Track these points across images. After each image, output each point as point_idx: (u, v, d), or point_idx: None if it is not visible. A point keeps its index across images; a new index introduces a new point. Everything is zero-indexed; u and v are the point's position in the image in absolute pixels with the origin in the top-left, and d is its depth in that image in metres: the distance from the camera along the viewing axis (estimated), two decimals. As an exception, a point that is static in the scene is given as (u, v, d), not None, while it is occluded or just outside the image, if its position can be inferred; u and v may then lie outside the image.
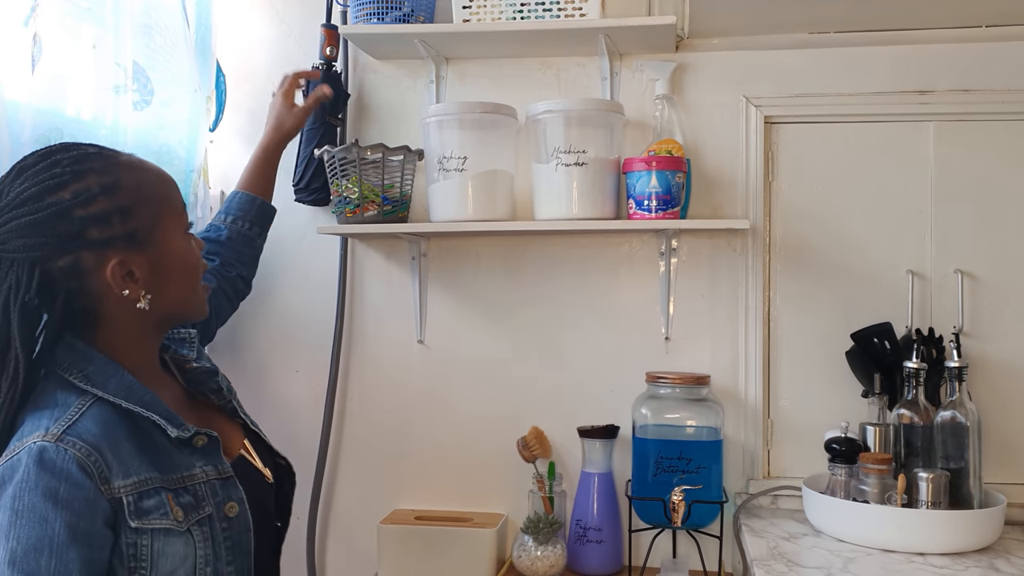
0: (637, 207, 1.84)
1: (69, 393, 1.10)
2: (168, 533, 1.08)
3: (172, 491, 1.11)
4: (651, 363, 1.99)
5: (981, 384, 1.88)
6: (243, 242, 1.74)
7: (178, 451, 1.15)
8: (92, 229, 1.10)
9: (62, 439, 1.03)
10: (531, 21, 1.90)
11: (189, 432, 1.15)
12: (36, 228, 1.08)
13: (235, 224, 1.73)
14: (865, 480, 1.70)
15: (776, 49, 1.97)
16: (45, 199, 1.08)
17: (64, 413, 1.06)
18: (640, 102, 2.01)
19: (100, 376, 1.12)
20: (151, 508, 1.07)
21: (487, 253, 2.08)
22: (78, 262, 1.11)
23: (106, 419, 1.09)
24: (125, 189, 1.14)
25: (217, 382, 1.34)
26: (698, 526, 1.83)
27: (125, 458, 1.07)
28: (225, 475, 1.18)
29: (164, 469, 1.12)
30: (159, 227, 1.17)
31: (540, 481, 1.95)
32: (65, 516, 0.99)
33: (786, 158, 1.98)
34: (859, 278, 1.95)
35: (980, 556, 1.61)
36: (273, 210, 1.82)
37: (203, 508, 1.14)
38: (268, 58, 2.15)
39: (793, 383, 1.98)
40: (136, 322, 1.17)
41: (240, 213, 1.74)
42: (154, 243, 1.16)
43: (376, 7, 1.95)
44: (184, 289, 1.22)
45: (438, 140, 1.90)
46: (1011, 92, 1.90)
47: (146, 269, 1.15)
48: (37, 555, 0.96)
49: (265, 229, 1.81)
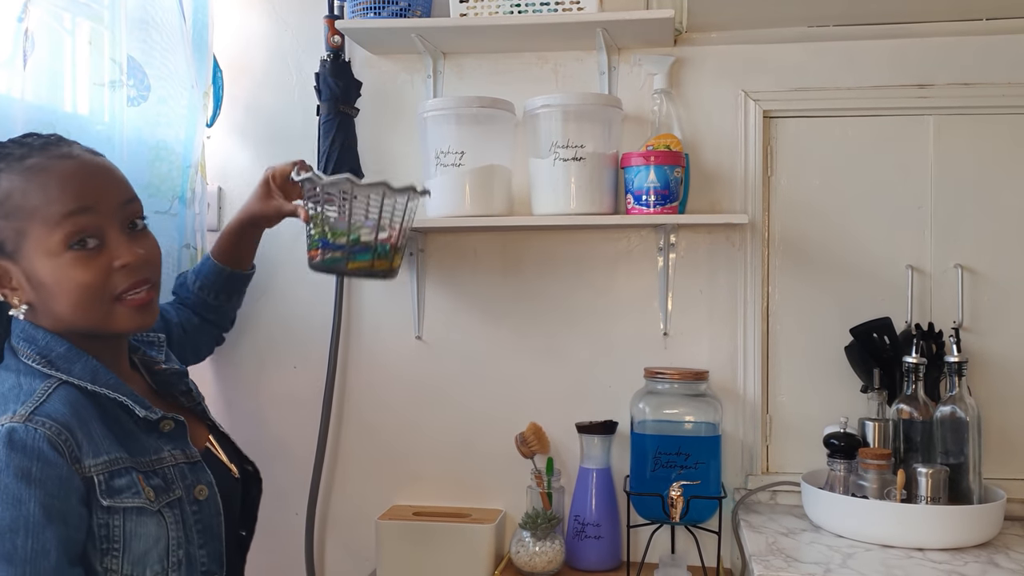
0: (635, 202, 1.83)
1: (33, 378, 1.10)
2: (140, 512, 1.08)
3: (142, 472, 1.11)
4: (649, 358, 1.98)
5: (981, 379, 1.88)
6: (208, 309, 1.71)
7: (146, 435, 1.16)
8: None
9: (31, 419, 1.03)
10: (528, 15, 1.89)
11: (156, 415, 1.17)
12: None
13: (202, 292, 1.69)
14: (864, 475, 1.69)
15: (775, 43, 1.96)
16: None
17: (30, 396, 1.06)
18: (638, 96, 2.00)
19: (64, 361, 1.13)
20: (122, 487, 1.07)
21: (485, 249, 2.08)
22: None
23: (73, 400, 1.09)
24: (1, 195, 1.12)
25: (187, 383, 1.35)
26: (696, 522, 1.83)
27: (95, 437, 1.08)
28: (193, 459, 1.20)
29: (133, 451, 1.12)
30: (25, 240, 1.11)
31: (538, 477, 1.94)
32: (39, 495, 0.99)
33: (785, 152, 1.98)
34: (858, 273, 1.94)
35: (980, 551, 1.60)
36: (246, 275, 1.74)
37: (173, 491, 1.15)
38: (265, 53, 2.14)
39: (792, 378, 1.98)
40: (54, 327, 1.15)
41: (208, 282, 1.69)
42: (23, 256, 1.12)
43: (373, 1, 1.94)
44: (70, 309, 1.13)
45: (435, 135, 1.89)
46: (1011, 86, 1.89)
47: (23, 280, 1.13)
48: (13, 536, 0.97)
49: (235, 293, 1.75)
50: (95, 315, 1.15)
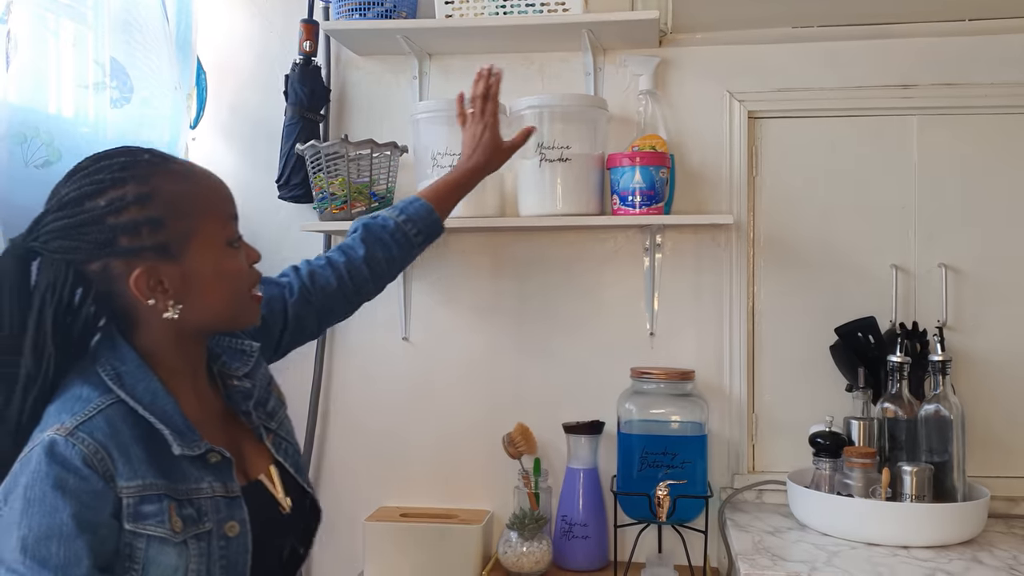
0: (621, 203, 1.83)
1: (94, 389, 1.11)
2: (162, 542, 1.08)
3: (176, 501, 1.11)
4: (636, 358, 1.99)
5: (965, 378, 1.89)
6: (404, 245, 1.59)
7: (189, 463, 1.15)
8: (122, 238, 1.11)
9: (73, 434, 1.05)
10: (514, 16, 1.90)
11: (199, 450, 1.15)
12: (71, 232, 1.10)
13: (406, 225, 1.58)
14: (849, 474, 1.70)
15: (759, 44, 1.97)
16: (84, 204, 1.11)
17: (82, 409, 1.08)
18: (624, 97, 2.01)
19: (130, 378, 1.14)
20: (149, 514, 1.08)
21: (472, 249, 2.08)
22: (108, 268, 1.12)
23: (120, 421, 1.10)
24: (159, 200, 1.13)
25: (248, 405, 1.31)
26: (683, 521, 1.83)
27: (133, 461, 1.09)
28: (232, 494, 1.18)
29: (173, 478, 1.12)
30: (193, 240, 1.16)
31: (526, 477, 1.94)
32: (73, 506, 1.01)
33: (770, 153, 1.99)
34: (843, 272, 1.95)
35: (964, 549, 1.61)
36: (441, 231, 1.65)
37: (204, 523, 1.14)
38: (249, 55, 2.14)
39: (777, 378, 1.98)
40: (170, 329, 1.17)
41: (416, 219, 1.59)
42: (187, 255, 1.15)
43: (358, 2, 1.94)
44: (219, 301, 1.19)
45: (427, 136, 1.89)
46: (994, 86, 1.90)
47: (177, 280, 1.14)
48: (48, 542, 0.99)
49: (427, 244, 1.64)
50: (239, 306, 1.22)
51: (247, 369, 1.33)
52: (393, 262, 1.59)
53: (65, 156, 1.60)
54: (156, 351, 1.17)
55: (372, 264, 1.55)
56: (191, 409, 1.19)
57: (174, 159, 1.19)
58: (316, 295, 1.50)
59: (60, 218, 1.11)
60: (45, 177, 1.56)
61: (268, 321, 1.43)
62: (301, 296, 1.48)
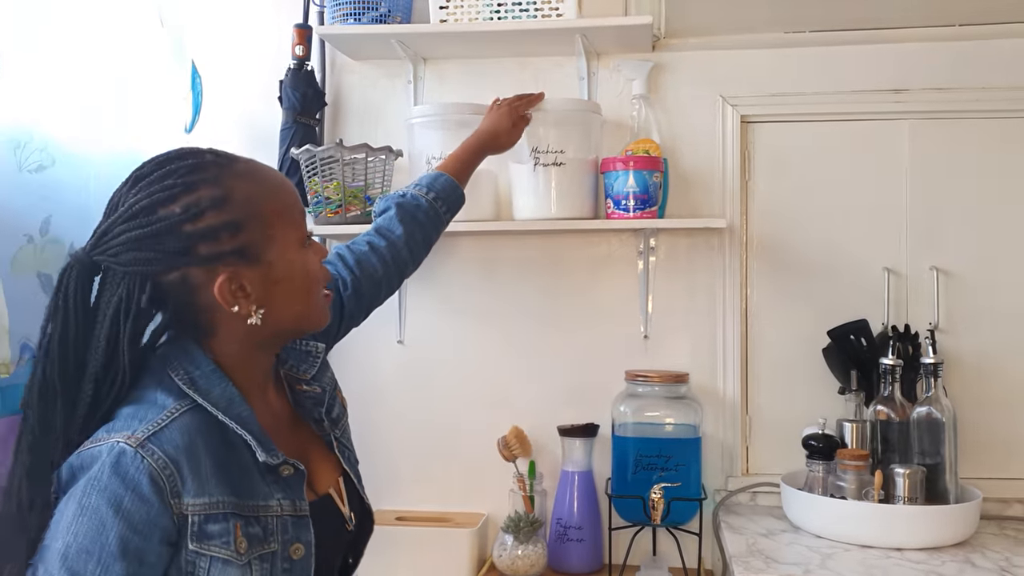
0: (615, 207, 1.84)
1: (168, 395, 1.07)
2: (225, 563, 1.04)
3: (243, 519, 1.06)
4: (630, 361, 1.99)
5: (956, 380, 1.90)
6: (436, 223, 1.61)
7: (261, 477, 1.10)
8: (201, 245, 1.06)
9: (144, 445, 1.00)
10: (508, 21, 1.90)
11: (278, 459, 1.11)
12: (145, 242, 1.05)
13: (437, 202, 1.60)
14: (843, 476, 1.71)
15: (752, 49, 1.98)
16: (156, 212, 1.05)
17: (156, 416, 1.04)
18: (617, 102, 2.02)
19: (205, 382, 1.09)
20: (214, 533, 1.03)
21: (467, 253, 2.08)
22: (187, 277, 1.07)
23: (195, 430, 1.05)
24: (236, 202, 1.08)
25: (320, 412, 1.27)
26: (677, 523, 1.84)
27: (203, 476, 1.04)
28: (300, 513, 1.13)
29: (242, 493, 1.07)
30: (272, 241, 1.10)
31: (521, 480, 1.95)
32: (121, 528, 0.97)
33: (762, 157, 2.00)
34: (835, 275, 1.97)
35: (956, 550, 1.62)
36: (463, 201, 1.68)
37: (269, 543, 1.09)
38: (245, 58, 2.14)
39: (771, 380, 1.99)
40: (249, 336, 1.12)
41: (443, 195, 1.61)
42: (267, 257, 1.10)
43: (353, 8, 1.95)
44: (300, 302, 1.15)
45: (422, 140, 1.90)
46: (985, 90, 1.91)
47: (258, 284, 1.10)
48: (87, 559, 0.96)
49: (451, 217, 1.66)
50: (316, 307, 1.18)
51: (313, 372, 1.28)
52: (429, 241, 1.59)
53: (59, 161, 1.60)
54: (230, 360, 1.12)
55: (411, 245, 1.55)
56: (264, 419, 1.14)
57: (237, 157, 1.14)
58: (365, 284, 1.48)
59: (131, 228, 1.05)
60: (39, 182, 1.57)
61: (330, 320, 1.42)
62: (354, 290, 1.47)
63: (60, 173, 1.61)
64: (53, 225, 1.59)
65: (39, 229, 1.57)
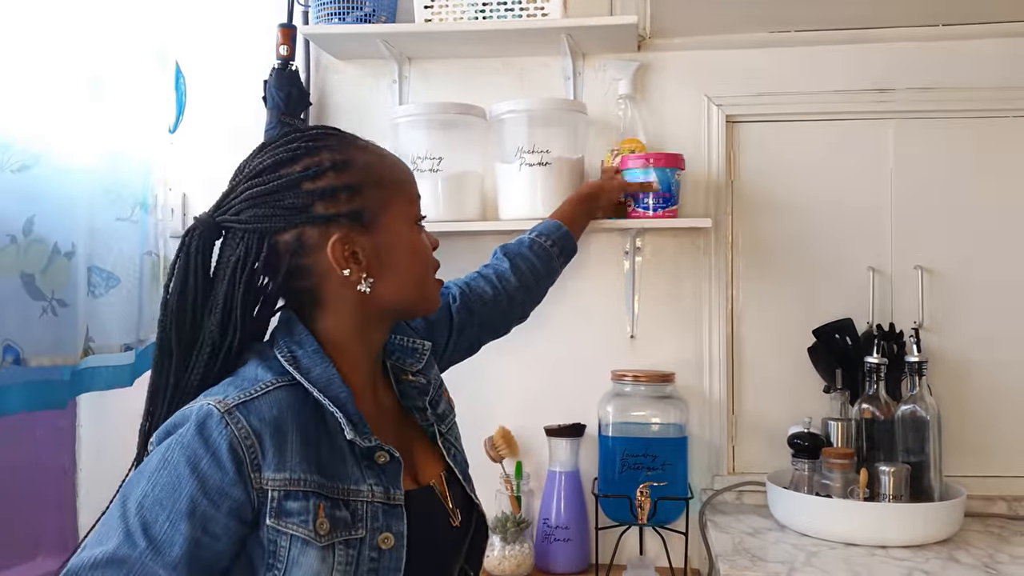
0: (635, 205, 1.84)
1: (268, 370, 1.08)
2: (305, 543, 1.02)
3: (329, 500, 1.05)
4: (616, 361, 2.00)
5: (941, 378, 1.91)
6: (543, 257, 1.64)
7: (356, 462, 1.09)
8: (318, 203, 1.08)
9: (231, 412, 1.01)
10: (493, 21, 1.90)
11: (369, 442, 1.09)
12: (266, 198, 1.08)
13: (553, 248, 1.65)
14: (828, 475, 1.71)
15: (737, 48, 1.98)
16: (278, 171, 1.09)
17: (251, 386, 1.05)
18: (603, 101, 2.02)
19: (307, 361, 1.10)
20: (293, 511, 1.02)
21: (453, 254, 2.06)
22: (302, 237, 1.09)
23: (287, 405, 1.05)
24: (356, 168, 1.12)
25: (425, 401, 1.25)
26: (664, 523, 1.84)
27: (287, 452, 1.03)
28: (393, 502, 1.10)
29: (330, 475, 1.06)
30: (387, 210, 1.14)
31: (507, 481, 1.95)
32: (193, 489, 0.98)
33: (748, 157, 2.00)
34: (821, 275, 1.97)
35: (941, 548, 1.63)
36: (575, 249, 1.73)
37: (357, 529, 1.06)
38: (229, 58, 2.13)
39: (757, 379, 2.00)
40: (357, 309, 1.13)
41: (558, 241, 1.67)
42: (380, 226, 1.13)
43: (337, 7, 1.94)
44: (409, 279, 1.17)
45: (407, 140, 1.89)
46: (969, 90, 1.92)
47: (370, 251, 1.11)
48: (160, 510, 0.98)
49: (566, 259, 1.71)
50: (425, 287, 1.20)
51: (420, 366, 1.28)
52: (538, 274, 1.63)
53: (42, 161, 1.59)
54: (338, 337, 1.13)
55: (519, 275, 1.59)
56: (365, 406, 1.13)
57: (359, 137, 1.18)
58: (475, 303, 1.50)
59: (254, 186, 1.09)
60: (21, 182, 1.56)
61: (436, 325, 1.42)
62: (463, 302, 1.49)
63: (43, 173, 1.60)
64: (36, 225, 1.58)
65: (22, 229, 1.56)
